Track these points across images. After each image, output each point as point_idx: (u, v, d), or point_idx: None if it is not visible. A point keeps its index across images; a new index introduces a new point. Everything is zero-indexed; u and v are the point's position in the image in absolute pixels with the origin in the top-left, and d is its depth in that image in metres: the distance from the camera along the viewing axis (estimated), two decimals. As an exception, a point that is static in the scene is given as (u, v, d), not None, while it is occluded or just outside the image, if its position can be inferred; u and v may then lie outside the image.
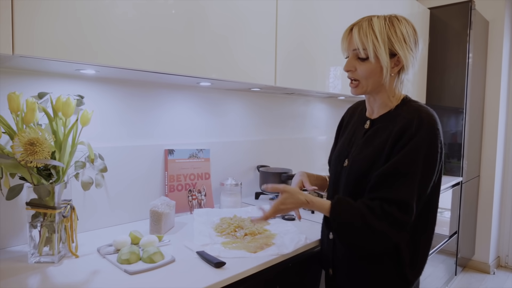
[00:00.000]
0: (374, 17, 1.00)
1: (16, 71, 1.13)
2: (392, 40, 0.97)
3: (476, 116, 2.87)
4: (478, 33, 2.73)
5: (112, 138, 1.37)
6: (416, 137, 0.92)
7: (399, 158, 0.93)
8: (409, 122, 0.95)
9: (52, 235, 1.04)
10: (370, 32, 0.97)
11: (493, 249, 3.06)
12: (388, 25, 0.98)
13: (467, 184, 2.79)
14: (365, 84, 1.02)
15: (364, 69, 1.00)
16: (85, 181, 1.09)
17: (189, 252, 1.12)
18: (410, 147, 0.93)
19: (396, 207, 0.92)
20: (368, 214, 0.93)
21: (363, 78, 1.01)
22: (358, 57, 1.00)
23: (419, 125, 0.93)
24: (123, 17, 1.01)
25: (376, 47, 0.96)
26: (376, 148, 1.00)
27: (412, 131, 0.93)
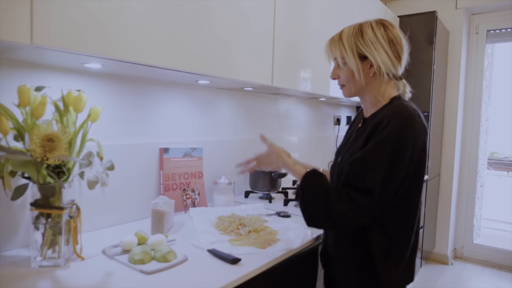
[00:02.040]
0: (347, 27, 1.08)
1: (12, 62, 1.05)
2: (359, 44, 1.03)
3: (438, 119, 3.10)
4: (440, 42, 2.95)
5: (108, 135, 1.32)
6: (386, 129, 0.96)
7: (368, 148, 0.99)
8: (384, 117, 1.00)
9: (56, 237, 0.98)
10: (338, 42, 1.07)
11: (451, 242, 3.32)
12: (356, 31, 1.05)
13: (430, 182, 3.00)
14: (349, 87, 1.11)
15: (342, 75, 1.10)
16: (91, 180, 1.05)
17: (198, 250, 1.12)
18: (379, 138, 0.97)
19: (363, 194, 0.96)
20: (332, 194, 1.00)
21: (345, 82, 1.11)
22: (338, 65, 1.11)
23: (390, 118, 0.98)
24: (139, 12, 0.99)
25: (343, 53, 1.05)
26: (359, 146, 1.04)
27: (384, 124, 0.98)
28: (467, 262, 3.33)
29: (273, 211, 1.58)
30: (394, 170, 0.96)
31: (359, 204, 0.96)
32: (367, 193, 0.96)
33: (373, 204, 0.96)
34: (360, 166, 0.98)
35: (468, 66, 3.29)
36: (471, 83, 3.30)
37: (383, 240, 1.02)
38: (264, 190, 1.80)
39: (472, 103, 3.31)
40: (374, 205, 0.96)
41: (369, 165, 0.97)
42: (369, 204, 0.96)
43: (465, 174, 3.38)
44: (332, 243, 1.14)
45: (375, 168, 0.96)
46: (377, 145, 0.97)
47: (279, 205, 1.71)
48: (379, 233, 1.02)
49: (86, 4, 0.87)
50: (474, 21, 3.24)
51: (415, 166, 1.00)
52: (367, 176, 0.96)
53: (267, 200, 1.79)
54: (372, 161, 0.97)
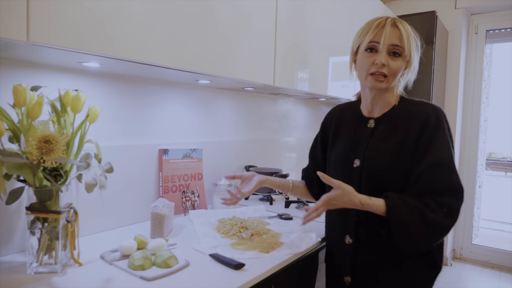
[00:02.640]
0: (399, 22, 1.04)
1: (9, 61, 1.01)
2: (417, 46, 1.07)
3: (437, 119, 3.08)
4: (440, 42, 2.93)
5: (106, 136, 1.28)
6: (440, 128, 0.99)
7: (437, 150, 0.98)
8: (427, 115, 1.01)
9: (53, 242, 0.95)
10: (411, 34, 1.04)
11: (450, 243, 3.31)
12: (415, 34, 1.07)
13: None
14: (391, 80, 1.04)
15: (397, 65, 1.02)
16: (89, 182, 1.01)
17: (200, 254, 1.08)
18: (441, 138, 0.99)
19: (448, 195, 0.95)
20: (425, 209, 0.94)
21: (392, 74, 1.03)
22: (390, 53, 1.02)
23: (437, 116, 1.01)
24: (139, 10, 0.95)
25: (414, 51, 1.04)
26: (394, 145, 1.02)
27: (433, 122, 1.00)
28: (466, 263, 3.33)
29: (274, 213, 1.55)
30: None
31: (452, 208, 0.95)
32: (453, 194, 0.96)
33: (461, 203, 0.97)
34: (436, 169, 0.97)
35: (467, 66, 3.28)
36: (470, 83, 3.29)
37: None
38: (265, 192, 1.77)
39: (471, 103, 3.30)
40: (462, 202, 0.97)
41: (444, 167, 0.98)
42: (459, 203, 0.96)
43: (464, 175, 3.37)
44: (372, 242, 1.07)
45: (452, 166, 0.98)
46: (442, 145, 0.99)
47: (280, 207, 1.68)
48: None
49: (86, 2, 0.83)
50: (474, 21, 3.23)
51: None
52: (447, 178, 0.97)
53: (268, 202, 1.76)
54: (445, 162, 0.98)
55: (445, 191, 0.96)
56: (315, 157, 1.30)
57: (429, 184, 0.97)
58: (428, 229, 0.95)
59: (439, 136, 0.99)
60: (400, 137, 1.03)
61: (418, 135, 1.00)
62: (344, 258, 1.12)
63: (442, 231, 0.97)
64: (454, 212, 0.96)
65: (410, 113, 1.05)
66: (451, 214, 0.95)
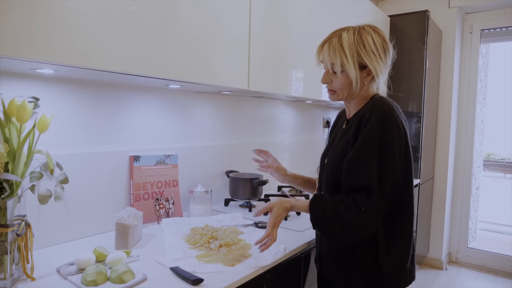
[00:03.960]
0: (343, 31, 1.05)
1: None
2: (361, 53, 1.02)
3: (431, 121, 3.02)
4: (433, 42, 2.87)
5: (68, 144, 1.24)
6: (369, 123, 0.99)
7: (356, 146, 1.00)
8: (365, 112, 1.03)
9: (3, 256, 0.91)
10: (339, 48, 1.03)
11: (445, 246, 3.24)
12: (357, 39, 1.03)
13: (423, 185, 2.93)
14: (341, 94, 1.10)
15: (337, 82, 1.07)
16: (43, 194, 0.97)
17: (162, 268, 1.04)
18: (364, 133, 0.99)
19: (365, 193, 0.97)
20: (340, 207, 0.99)
21: (338, 89, 1.09)
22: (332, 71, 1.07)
23: (371, 113, 1.00)
24: (87, 12, 0.91)
25: (344, 62, 1.03)
26: (345, 143, 1.07)
27: (366, 118, 1.00)
28: (462, 267, 3.26)
29: (251, 221, 1.51)
30: (387, 160, 0.97)
31: (365, 206, 0.96)
32: (367, 191, 0.96)
33: (376, 201, 0.95)
34: (353, 165, 1.00)
35: (462, 66, 3.21)
36: (465, 83, 3.22)
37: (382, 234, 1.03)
38: (245, 198, 1.73)
39: (467, 104, 3.23)
40: (378, 202, 0.96)
41: (361, 162, 0.98)
42: (373, 202, 0.96)
43: (459, 177, 3.30)
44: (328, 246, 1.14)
45: (368, 163, 0.97)
46: (364, 140, 0.99)
47: (259, 214, 1.63)
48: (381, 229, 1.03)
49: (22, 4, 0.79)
50: (468, 20, 3.16)
51: (404, 156, 1.01)
52: (362, 174, 0.97)
53: (247, 209, 1.72)
54: (362, 157, 0.98)
55: (360, 188, 0.98)
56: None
57: (346, 180, 1.02)
58: (342, 225, 0.99)
59: (365, 132, 0.99)
60: (348, 137, 1.06)
61: (355, 133, 1.03)
62: (316, 246, 1.22)
63: (359, 228, 0.99)
64: (369, 210, 0.96)
65: (361, 112, 1.06)
66: (367, 212, 0.96)
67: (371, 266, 1.05)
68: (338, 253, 1.11)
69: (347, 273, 1.09)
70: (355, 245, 1.06)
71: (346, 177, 1.02)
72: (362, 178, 0.97)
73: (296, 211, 1.17)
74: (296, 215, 1.64)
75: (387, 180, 0.97)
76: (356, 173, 0.99)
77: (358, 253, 1.06)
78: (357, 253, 1.06)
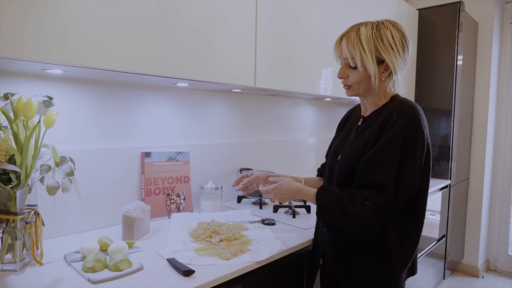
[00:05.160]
0: (362, 26, 1.05)
1: (-21, 70, 1.08)
2: (379, 48, 1.02)
3: (466, 118, 2.85)
4: (467, 35, 2.71)
5: (83, 140, 1.33)
6: (396, 125, 0.99)
7: (378, 145, 1.00)
8: (391, 113, 1.02)
9: (14, 242, 1.00)
10: (357, 43, 1.03)
11: (482, 253, 3.04)
12: (375, 34, 1.02)
13: (456, 186, 2.77)
14: (357, 88, 1.09)
15: (354, 76, 1.07)
16: (51, 185, 1.05)
17: (160, 259, 1.08)
18: (389, 135, 0.99)
19: (376, 190, 0.97)
20: (346, 198, 1.00)
21: (355, 84, 1.08)
22: (349, 65, 1.06)
23: (398, 115, 1.00)
24: (89, 14, 0.97)
25: (363, 57, 1.02)
26: (364, 141, 1.06)
27: (393, 120, 1.00)
28: (501, 275, 3.04)
29: (258, 218, 1.52)
30: (408, 165, 0.97)
31: (371, 201, 0.96)
32: (380, 190, 0.97)
33: (385, 199, 0.96)
34: (372, 164, 1.00)
35: (501, 60, 3.00)
36: (505, 79, 3.00)
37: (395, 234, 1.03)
38: (256, 195, 1.74)
39: (506, 101, 3.01)
40: (387, 201, 0.96)
41: (381, 163, 0.98)
42: (381, 199, 0.96)
43: (498, 178, 3.08)
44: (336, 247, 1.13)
45: (387, 165, 0.97)
46: (388, 141, 0.99)
47: (268, 212, 1.64)
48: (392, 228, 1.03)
49: (28, 9, 0.86)
50: (509, 10, 2.94)
51: (424, 160, 1.01)
52: (379, 174, 0.98)
53: (258, 206, 1.73)
54: (384, 158, 0.98)
55: (373, 186, 0.98)
56: (328, 152, 1.33)
57: (361, 178, 1.02)
58: (342, 216, 1.00)
59: (390, 134, 0.99)
60: (368, 136, 1.06)
61: (378, 133, 1.02)
62: (321, 242, 1.20)
63: (356, 221, 0.99)
64: (373, 205, 0.96)
65: (383, 112, 1.06)
66: (372, 207, 0.96)
67: (382, 265, 1.05)
68: (346, 251, 1.10)
69: (355, 272, 1.08)
70: (366, 245, 1.05)
71: (362, 174, 1.02)
72: (379, 177, 0.98)
73: (301, 198, 1.17)
74: (306, 213, 1.62)
75: (402, 185, 0.97)
76: (374, 172, 0.99)
77: (369, 252, 1.06)
78: (368, 252, 1.06)
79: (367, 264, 1.06)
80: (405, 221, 1.04)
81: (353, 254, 1.08)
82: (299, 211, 1.63)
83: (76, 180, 1.29)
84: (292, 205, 1.63)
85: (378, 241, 1.04)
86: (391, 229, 1.03)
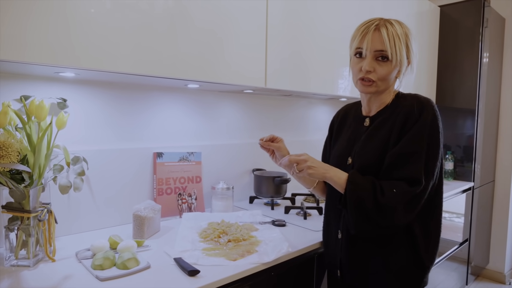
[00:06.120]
0: (389, 20, 1.03)
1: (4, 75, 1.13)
2: (409, 45, 1.03)
3: (491, 118, 2.73)
4: (493, 31, 2.60)
5: (97, 141, 1.36)
6: (420, 120, 0.99)
7: (406, 141, 0.99)
8: (411, 109, 1.01)
9: (28, 238, 1.03)
10: (397, 36, 1.00)
11: (509, 258, 2.91)
12: (406, 31, 1.03)
13: (481, 189, 2.66)
14: (380, 85, 1.05)
15: (385, 70, 1.02)
16: (63, 184, 1.09)
17: (167, 258, 1.10)
18: (415, 129, 0.99)
19: (406, 183, 0.97)
20: (378, 190, 0.97)
21: (381, 79, 1.04)
22: (377, 58, 1.02)
23: (421, 110, 1.00)
24: (101, 19, 1.00)
25: (402, 52, 1.01)
26: (381, 140, 1.04)
27: (415, 116, 0.99)
28: (530, 282, 2.90)
29: (269, 219, 1.51)
30: (433, 157, 0.99)
31: (399, 190, 0.95)
32: (411, 183, 0.96)
33: (415, 191, 0.96)
34: (400, 159, 0.99)
35: (530, 57, 2.85)
36: (535, 76, 2.85)
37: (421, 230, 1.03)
38: (268, 196, 1.74)
39: (536, 99, 2.86)
40: (416, 194, 0.96)
41: (410, 157, 0.98)
42: (410, 190, 0.96)
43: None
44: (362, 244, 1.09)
45: (417, 159, 0.97)
46: (414, 136, 0.98)
47: (280, 213, 1.63)
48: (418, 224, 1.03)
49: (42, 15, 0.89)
50: (538, 5, 2.80)
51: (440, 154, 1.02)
52: (410, 167, 0.97)
53: (270, 207, 1.72)
54: (412, 152, 0.98)
55: (401, 179, 0.98)
56: (325, 156, 1.32)
57: (387, 171, 1.00)
58: (375, 208, 0.97)
59: (415, 128, 0.99)
60: (386, 133, 1.04)
61: (400, 130, 1.01)
62: (335, 252, 1.16)
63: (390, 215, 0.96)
64: (404, 195, 0.95)
65: (397, 109, 1.05)
66: (400, 196, 0.95)
67: (414, 263, 1.04)
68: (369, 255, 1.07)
69: (384, 274, 1.05)
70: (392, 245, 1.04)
71: (389, 169, 1.00)
72: (410, 170, 0.97)
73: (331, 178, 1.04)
74: (317, 214, 1.60)
75: (429, 178, 0.98)
76: (403, 166, 0.98)
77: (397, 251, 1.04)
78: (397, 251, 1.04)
79: (398, 264, 1.04)
80: (427, 216, 1.04)
81: (380, 256, 1.05)
82: (310, 213, 1.61)
83: (90, 179, 1.33)
84: (304, 206, 1.62)
85: (405, 238, 1.03)
86: (416, 224, 1.02)
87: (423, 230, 1.04)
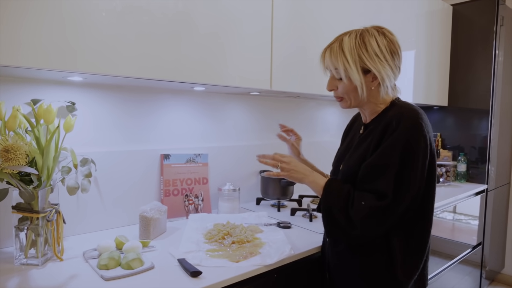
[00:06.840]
0: (345, 36, 1.02)
1: (5, 78, 1.16)
2: (363, 58, 0.98)
3: (507, 119, 2.67)
4: (509, 29, 2.53)
5: (106, 143, 1.39)
6: (396, 131, 0.95)
7: (378, 153, 0.97)
8: (390, 120, 0.98)
9: (37, 238, 1.07)
10: (340, 54, 1.00)
11: (525, 263, 2.83)
12: (359, 43, 0.99)
13: (495, 191, 2.60)
14: (348, 99, 1.06)
15: (341, 88, 1.04)
16: (71, 186, 1.12)
17: (171, 259, 1.11)
18: (389, 141, 0.96)
19: (374, 196, 0.95)
20: (350, 201, 0.98)
21: (344, 95, 1.06)
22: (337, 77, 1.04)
23: (399, 121, 0.96)
24: (106, 24, 1.02)
25: (347, 68, 0.99)
26: (364, 149, 1.03)
27: (393, 127, 0.96)
28: (547, 288, 2.81)
29: (275, 221, 1.51)
30: (408, 172, 0.94)
31: (369, 205, 0.94)
32: (378, 196, 0.95)
33: (382, 205, 0.93)
34: (372, 171, 0.97)
35: (547, 56, 2.77)
36: (553, 75, 2.77)
37: (401, 243, 1.00)
38: (274, 197, 1.74)
39: (554, 99, 2.78)
40: (384, 207, 0.93)
41: (381, 169, 0.96)
42: (377, 204, 0.94)
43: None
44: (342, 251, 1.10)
45: (387, 171, 0.94)
46: (387, 148, 0.96)
47: (285, 215, 1.63)
48: (397, 236, 1.00)
49: (47, 20, 0.92)
50: (556, 2, 2.72)
51: (428, 165, 0.98)
52: (379, 181, 0.95)
53: (276, 208, 1.72)
54: (383, 165, 0.95)
55: (371, 191, 0.96)
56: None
57: (361, 184, 0.99)
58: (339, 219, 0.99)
59: (389, 141, 0.95)
60: (369, 143, 1.03)
61: (379, 140, 0.99)
62: (325, 254, 1.19)
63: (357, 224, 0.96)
64: (371, 209, 0.94)
65: (384, 118, 1.02)
66: (367, 210, 0.94)
67: (388, 276, 1.01)
68: (349, 261, 1.07)
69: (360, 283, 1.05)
70: (371, 253, 1.02)
71: (362, 181, 0.99)
72: (378, 184, 0.95)
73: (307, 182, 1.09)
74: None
75: (403, 192, 0.94)
76: (373, 179, 0.96)
77: (373, 263, 1.02)
78: (373, 263, 1.02)
79: (372, 275, 1.03)
80: (410, 231, 1.00)
81: (358, 265, 1.05)
82: (316, 215, 1.60)
83: (98, 180, 1.36)
84: (310, 208, 1.61)
85: (383, 251, 1.01)
86: (395, 238, 0.99)
87: (403, 243, 1.00)
